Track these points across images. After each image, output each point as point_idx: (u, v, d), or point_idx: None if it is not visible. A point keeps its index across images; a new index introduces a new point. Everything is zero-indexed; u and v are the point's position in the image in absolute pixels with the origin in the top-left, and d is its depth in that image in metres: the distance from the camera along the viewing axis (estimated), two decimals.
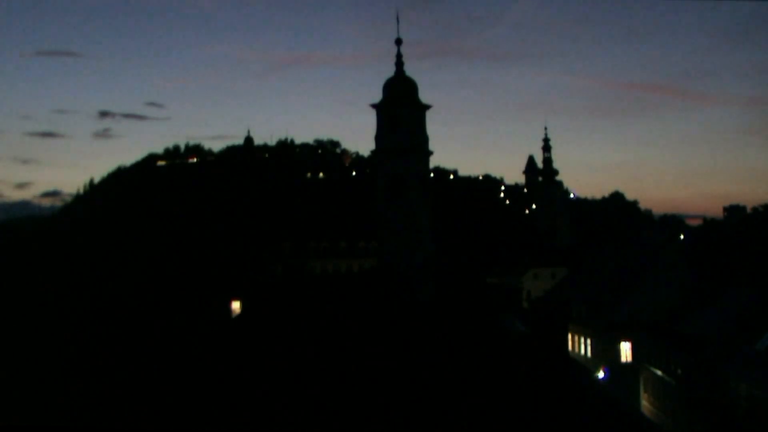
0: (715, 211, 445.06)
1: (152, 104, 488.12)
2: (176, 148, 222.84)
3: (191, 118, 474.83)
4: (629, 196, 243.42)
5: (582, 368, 62.69)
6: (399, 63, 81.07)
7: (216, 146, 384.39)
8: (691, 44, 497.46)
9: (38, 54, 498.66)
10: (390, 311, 63.96)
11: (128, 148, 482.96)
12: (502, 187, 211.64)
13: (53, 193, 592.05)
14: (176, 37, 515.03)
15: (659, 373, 53.79)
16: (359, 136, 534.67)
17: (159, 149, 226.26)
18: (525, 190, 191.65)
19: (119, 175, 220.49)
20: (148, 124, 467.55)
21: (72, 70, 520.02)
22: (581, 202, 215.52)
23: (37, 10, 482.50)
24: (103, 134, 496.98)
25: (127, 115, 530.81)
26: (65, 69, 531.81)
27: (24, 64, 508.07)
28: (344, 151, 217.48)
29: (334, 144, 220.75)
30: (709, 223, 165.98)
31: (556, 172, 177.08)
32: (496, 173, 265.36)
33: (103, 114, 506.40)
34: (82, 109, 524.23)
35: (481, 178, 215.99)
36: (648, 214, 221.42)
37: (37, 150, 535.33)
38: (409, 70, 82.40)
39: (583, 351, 66.63)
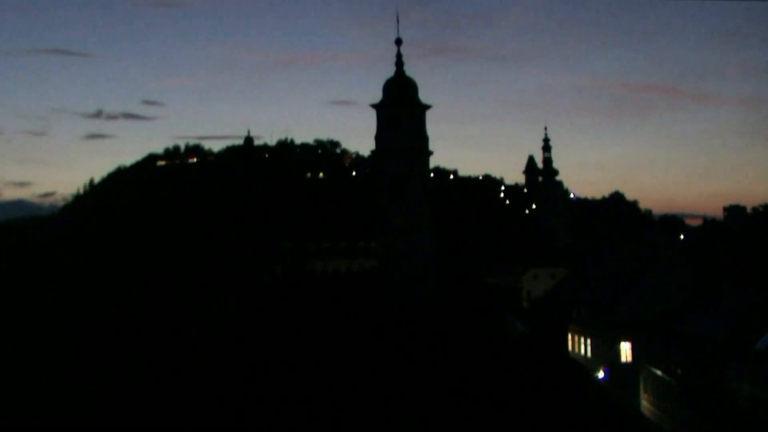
0: (715, 211, 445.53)
1: (150, 103, 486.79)
2: (176, 148, 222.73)
3: (191, 117, 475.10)
4: (629, 196, 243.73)
5: (582, 368, 62.65)
6: (399, 63, 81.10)
7: (216, 146, 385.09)
8: (691, 44, 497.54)
9: (34, 52, 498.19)
10: (390, 311, 64.03)
11: (125, 148, 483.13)
12: (502, 187, 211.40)
13: (52, 193, 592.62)
14: (175, 36, 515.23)
15: (659, 373, 53.78)
16: (359, 136, 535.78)
17: (156, 149, 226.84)
18: (525, 190, 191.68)
19: (119, 175, 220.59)
20: (145, 123, 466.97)
21: (68, 69, 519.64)
22: (581, 202, 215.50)
23: (33, 8, 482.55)
24: (100, 134, 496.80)
25: (124, 115, 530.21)
26: (61, 67, 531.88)
27: (19, 63, 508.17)
28: (344, 151, 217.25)
29: (334, 144, 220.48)
30: (709, 223, 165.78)
31: (556, 172, 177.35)
32: (496, 173, 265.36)
33: (100, 113, 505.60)
34: (78, 108, 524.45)
35: (481, 178, 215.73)
36: (648, 214, 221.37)
37: (33, 149, 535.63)
38: (409, 70, 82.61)
39: (583, 351, 66.60)
